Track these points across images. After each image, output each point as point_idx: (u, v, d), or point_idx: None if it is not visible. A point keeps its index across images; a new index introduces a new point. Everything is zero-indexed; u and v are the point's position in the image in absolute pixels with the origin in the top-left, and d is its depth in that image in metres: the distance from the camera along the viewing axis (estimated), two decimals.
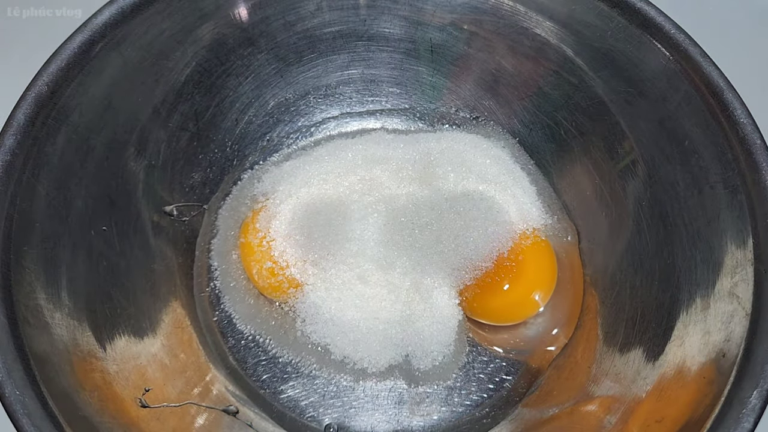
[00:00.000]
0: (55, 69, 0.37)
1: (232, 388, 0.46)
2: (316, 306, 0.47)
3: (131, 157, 0.44)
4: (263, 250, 0.47)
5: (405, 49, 0.52)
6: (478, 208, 0.48)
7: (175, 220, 0.48)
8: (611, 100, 0.45)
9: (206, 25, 0.45)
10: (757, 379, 0.32)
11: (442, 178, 0.50)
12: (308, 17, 0.49)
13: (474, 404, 0.46)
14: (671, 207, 0.42)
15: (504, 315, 0.48)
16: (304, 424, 0.46)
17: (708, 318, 0.37)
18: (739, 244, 0.37)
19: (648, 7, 0.41)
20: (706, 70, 0.39)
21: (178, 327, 0.46)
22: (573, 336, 0.47)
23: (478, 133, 0.53)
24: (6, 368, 0.31)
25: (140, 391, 0.39)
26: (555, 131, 0.50)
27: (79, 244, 0.39)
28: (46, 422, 0.31)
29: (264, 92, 0.52)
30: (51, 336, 0.35)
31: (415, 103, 0.55)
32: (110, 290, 0.41)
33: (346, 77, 0.54)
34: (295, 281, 0.47)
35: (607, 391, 0.41)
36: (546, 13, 0.45)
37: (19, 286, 0.34)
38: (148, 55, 0.43)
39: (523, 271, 0.46)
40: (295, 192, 0.49)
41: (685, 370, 0.37)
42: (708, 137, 0.39)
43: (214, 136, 0.51)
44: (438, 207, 0.48)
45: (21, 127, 0.36)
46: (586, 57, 0.45)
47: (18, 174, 0.36)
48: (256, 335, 0.48)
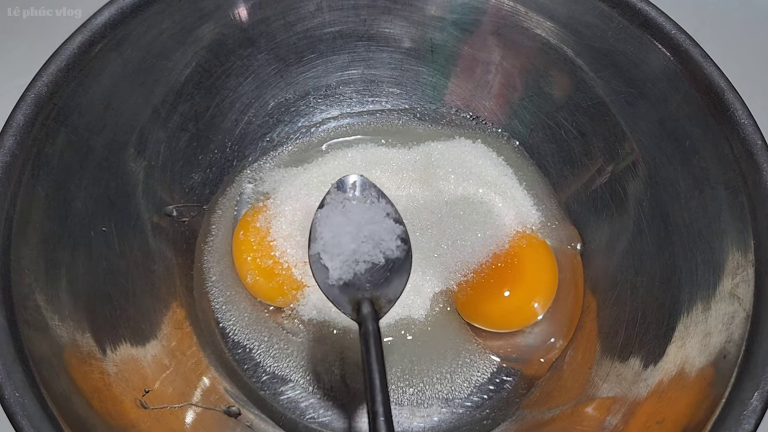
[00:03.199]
0: (55, 69, 0.37)
1: (231, 389, 0.46)
2: (316, 307, 0.47)
3: (131, 157, 0.44)
4: (263, 250, 0.47)
5: (405, 49, 0.52)
6: (478, 211, 0.48)
7: (174, 221, 0.48)
8: (612, 100, 0.45)
9: (206, 25, 0.45)
10: (758, 381, 0.32)
11: (443, 179, 0.50)
12: (308, 17, 0.49)
13: (474, 405, 0.46)
14: (672, 208, 0.42)
15: (502, 322, 0.47)
16: (305, 425, 0.46)
17: (709, 319, 0.37)
18: (739, 245, 0.37)
19: (648, 7, 0.41)
20: (706, 70, 0.39)
21: (178, 328, 0.46)
22: (573, 337, 0.47)
23: (478, 134, 0.53)
24: (6, 370, 0.31)
25: (140, 393, 0.39)
26: (555, 132, 0.50)
27: (78, 245, 0.39)
28: (45, 424, 0.31)
29: (264, 92, 0.52)
30: (50, 337, 0.35)
31: (415, 104, 0.55)
32: (110, 291, 0.41)
33: (346, 77, 0.54)
34: (296, 282, 0.47)
35: (607, 393, 0.41)
36: (546, 14, 0.45)
37: (18, 287, 0.34)
38: (148, 55, 0.43)
39: (523, 279, 0.46)
40: (295, 193, 0.49)
41: (686, 372, 0.37)
42: (709, 138, 0.39)
43: (214, 137, 0.50)
44: (438, 210, 0.48)
45: (20, 128, 0.36)
46: (587, 57, 0.45)
47: (17, 175, 0.35)
48: (256, 336, 0.48)
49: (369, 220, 0.40)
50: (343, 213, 0.40)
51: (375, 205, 0.41)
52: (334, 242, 0.39)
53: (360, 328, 0.36)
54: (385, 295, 0.37)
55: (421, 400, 0.46)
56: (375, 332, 0.35)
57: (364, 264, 0.38)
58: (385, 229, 0.39)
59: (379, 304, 0.37)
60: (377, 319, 0.36)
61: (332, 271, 0.38)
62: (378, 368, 0.33)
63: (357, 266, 0.38)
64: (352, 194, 0.41)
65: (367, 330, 0.35)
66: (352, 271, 0.38)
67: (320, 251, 0.39)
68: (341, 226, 0.39)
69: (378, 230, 0.39)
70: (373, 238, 0.39)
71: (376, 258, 0.39)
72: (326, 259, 0.39)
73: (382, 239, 0.39)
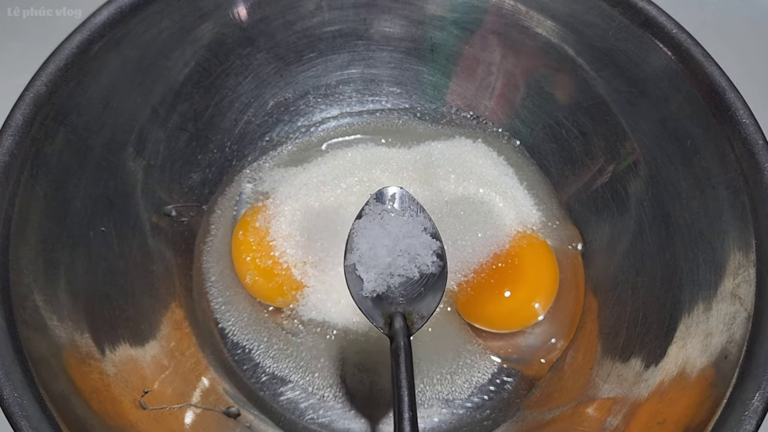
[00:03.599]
0: (54, 69, 0.37)
1: (231, 389, 0.46)
2: (316, 308, 0.47)
3: (130, 157, 0.44)
4: (262, 250, 0.47)
5: (405, 48, 0.52)
6: (478, 211, 0.48)
7: (173, 221, 0.48)
8: (613, 100, 0.45)
9: (205, 24, 0.45)
10: (759, 381, 0.32)
11: (443, 179, 0.50)
12: (308, 16, 0.49)
13: (475, 406, 0.46)
14: (673, 207, 0.42)
15: (502, 322, 0.47)
16: (304, 426, 0.46)
17: (710, 319, 0.37)
18: (741, 245, 0.37)
19: (649, 6, 0.40)
20: (708, 70, 0.38)
21: (177, 328, 0.46)
22: (574, 338, 0.47)
23: (478, 133, 0.53)
24: (4, 370, 0.31)
25: (139, 393, 0.39)
26: (556, 131, 0.50)
27: (77, 245, 0.39)
28: (44, 424, 0.31)
29: (263, 92, 0.52)
30: (49, 338, 0.35)
31: (415, 103, 0.55)
32: (109, 291, 0.41)
33: (346, 77, 0.54)
34: (296, 282, 0.47)
35: (608, 393, 0.41)
36: (547, 13, 0.45)
37: (17, 287, 0.34)
38: (147, 54, 0.42)
39: (524, 279, 0.46)
40: (295, 193, 0.49)
41: (687, 372, 0.37)
42: (710, 137, 0.39)
43: (213, 136, 0.50)
44: (438, 210, 0.48)
45: (19, 128, 0.35)
46: (588, 57, 0.45)
47: (16, 174, 0.35)
48: (255, 337, 0.48)
49: (406, 233, 0.39)
50: (380, 225, 0.39)
51: (414, 218, 0.40)
52: (371, 254, 0.38)
53: (391, 344, 0.35)
54: (418, 310, 0.37)
55: (422, 400, 0.46)
56: (406, 348, 0.34)
57: (399, 278, 0.38)
58: (422, 244, 0.39)
59: (411, 320, 0.36)
60: (409, 335, 0.35)
61: (367, 283, 0.38)
62: (407, 384, 0.33)
63: (391, 279, 0.38)
64: (390, 206, 0.40)
65: (398, 346, 0.34)
66: (386, 284, 0.38)
67: (356, 262, 0.38)
68: (378, 238, 0.39)
69: (415, 244, 0.39)
70: (410, 252, 0.38)
71: (411, 272, 0.38)
72: (361, 271, 0.38)
73: (418, 254, 0.38)
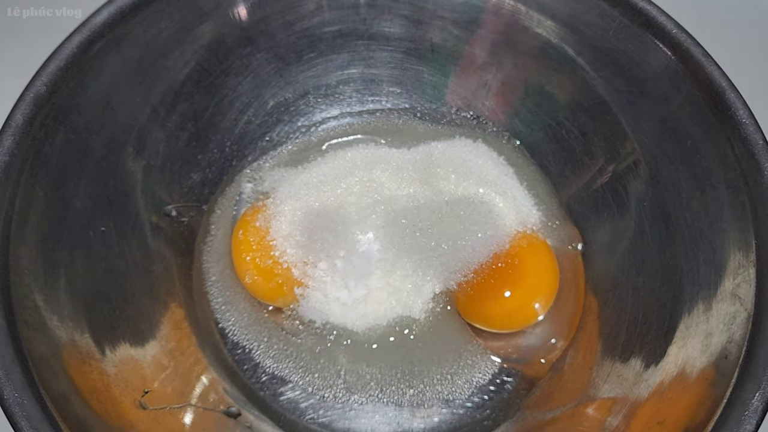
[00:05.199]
0: (54, 69, 0.37)
1: (231, 389, 0.46)
2: (316, 308, 0.47)
3: (130, 157, 0.44)
4: (262, 250, 0.47)
5: (405, 48, 0.52)
6: (478, 211, 0.48)
7: (173, 221, 0.48)
8: (613, 99, 0.45)
9: (205, 24, 0.45)
10: (759, 381, 0.32)
11: (443, 179, 0.50)
12: (308, 16, 0.49)
13: (475, 406, 0.46)
14: (673, 207, 0.42)
15: (503, 322, 0.47)
16: (304, 426, 0.46)
17: (710, 319, 0.37)
18: (741, 245, 0.37)
19: (650, 6, 0.40)
20: (708, 70, 0.38)
21: (177, 328, 0.46)
22: (574, 338, 0.47)
23: (479, 133, 0.53)
24: (4, 370, 0.31)
25: (139, 393, 0.39)
26: (556, 131, 0.50)
27: (77, 245, 0.39)
28: (44, 424, 0.31)
29: (263, 92, 0.52)
30: (49, 338, 0.35)
31: (415, 103, 0.55)
32: (109, 291, 0.41)
33: (346, 77, 0.54)
34: (296, 282, 0.47)
35: (608, 393, 0.41)
36: (547, 13, 0.45)
37: (17, 287, 0.34)
38: (147, 54, 0.42)
39: (524, 279, 0.46)
40: (295, 192, 0.49)
41: (687, 372, 0.37)
42: (710, 137, 0.39)
43: (213, 136, 0.50)
44: (438, 210, 0.48)
45: (19, 128, 0.35)
46: (588, 56, 0.45)
47: (16, 174, 0.35)
48: (255, 337, 0.48)
49: None
50: None
51: None
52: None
53: None
54: None
55: (422, 401, 0.46)
56: None
57: None
58: None
59: None
60: None
61: None
62: None
63: None
64: None
65: None
66: None
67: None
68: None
69: None
70: None
71: None
72: None
73: None
